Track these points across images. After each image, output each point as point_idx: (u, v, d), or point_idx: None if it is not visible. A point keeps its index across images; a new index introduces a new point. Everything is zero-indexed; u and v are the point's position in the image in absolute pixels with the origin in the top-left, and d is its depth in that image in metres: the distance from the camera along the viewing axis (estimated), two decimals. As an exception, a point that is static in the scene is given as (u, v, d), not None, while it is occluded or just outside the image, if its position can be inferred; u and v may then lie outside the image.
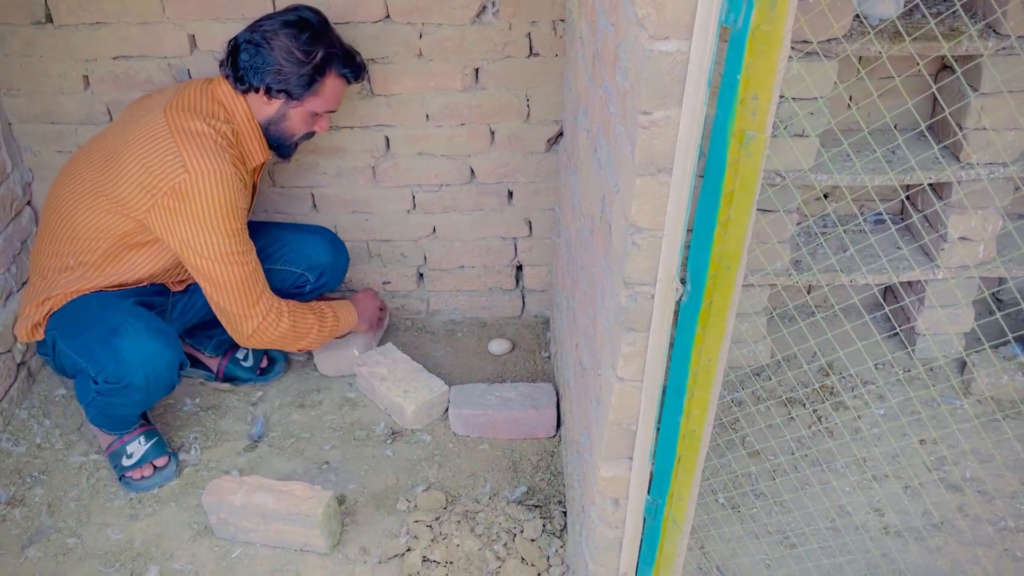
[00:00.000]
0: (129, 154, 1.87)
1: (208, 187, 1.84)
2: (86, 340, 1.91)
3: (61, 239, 1.97)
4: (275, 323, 2.01)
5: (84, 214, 1.93)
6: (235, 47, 1.92)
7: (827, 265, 2.22)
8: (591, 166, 1.55)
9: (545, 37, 2.13)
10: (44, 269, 2.00)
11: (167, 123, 1.87)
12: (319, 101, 1.97)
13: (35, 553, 1.91)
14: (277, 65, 1.89)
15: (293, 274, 2.25)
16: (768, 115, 0.97)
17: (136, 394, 1.93)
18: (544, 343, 2.56)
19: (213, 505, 1.88)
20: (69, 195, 1.96)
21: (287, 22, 1.90)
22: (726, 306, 1.15)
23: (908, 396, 2.26)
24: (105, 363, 1.88)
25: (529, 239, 2.51)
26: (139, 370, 1.89)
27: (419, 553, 1.87)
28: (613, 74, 1.26)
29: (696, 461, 1.32)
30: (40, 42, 2.11)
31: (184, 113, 1.89)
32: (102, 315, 1.93)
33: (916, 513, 1.97)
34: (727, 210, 1.07)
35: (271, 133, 2.01)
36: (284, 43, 1.89)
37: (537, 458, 2.15)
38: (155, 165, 1.84)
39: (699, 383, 1.24)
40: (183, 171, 1.82)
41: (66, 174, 2.02)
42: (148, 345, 1.89)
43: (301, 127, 2.02)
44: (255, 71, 1.90)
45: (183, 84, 2.02)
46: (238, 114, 1.96)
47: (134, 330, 1.89)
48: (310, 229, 2.33)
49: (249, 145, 1.99)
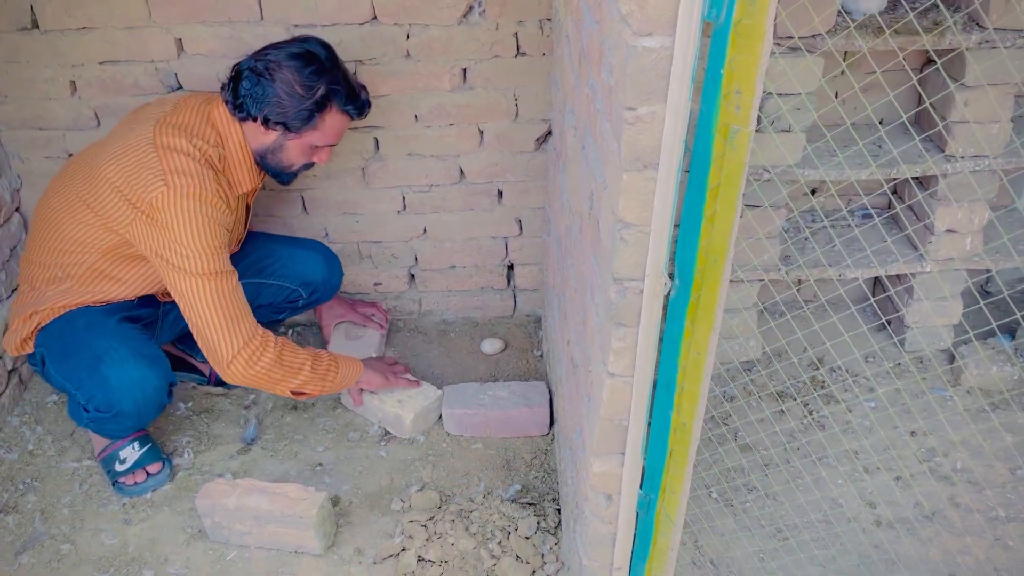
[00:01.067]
0: (111, 164, 1.85)
1: (187, 203, 1.79)
2: (73, 367, 1.90)
3: (49, 250, 1.96)
4: (258, 353, 1.85)
5: (70, 226, 1.92)
6: (238, 73, 1.89)
7: (815, 259, 2.24)
8: (579, 163, 1.56)
9: (532, 36, 2.14)
10: (33, 279, 2.00)
11: (153, 137, 1.84)
12: (318, 135, 1.94)
13: (29, 560, 1.90)
14: (277, 97, 1.86)
15: (286, 289, 2.25)
16: (752, 109, 0.98)
17: (127, 420, 1.93)
18: (536, 342, 2.56)
19: (207, 508, 1.88)
20: (57, 205, 1.95)
21: (293, 54, 1.86)
22: (714, 300, 1.16)
23: (898, 388, 2.28)
24: (93, 392, 1.88)
25: (520, 238, 2.51)
26: (127, 398, 1.88)
27: (414, 553, 1.87)
28: (599, 71, 1.27)
29: (687, 455, 1.33)
30: (27, 48, 2.10)
31: (172, 130, 1.86)
32: (88, 339, 1.91)
33: (907, 504, 1.98)
34: (713, 204, 1.08)
35: (267, 162, 1.97)
36: (287, 75, 1.85)
37: (531, 456, 2.15)
38: (135, 177, 1.81)
39: (689, 377, 1.24)
40: (163, 184, 1.79)
41: (56, 183, 2.01)
42: (134, 372, 1.88)
43: (299, 158, 1.99)
44: (254, 100, 1.87)
45: (183, 99, 1.98)
46: (231, 140, 1.92)
47: (120, 357, 1.88)
48: (305, 244, 2.31)
49: (237, 172, 1.95)
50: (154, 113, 1.94)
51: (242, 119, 1.91)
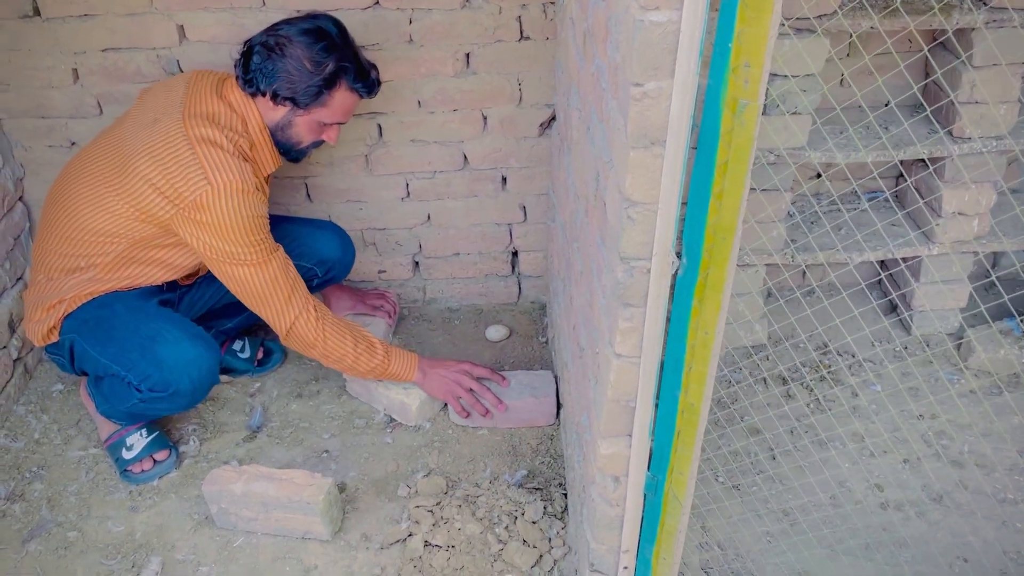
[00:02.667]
0: (147, 160, 1.83)
1: (230, 200, 1.81)
2: (123, 349, 1.90)
3: (69, 239, 1.94)
4: (312, 322, 1.96)
5: (97, 216, 1.90)
6: (249, 49, 1.90)
7: (822, 242, 2.23)
8: (584, 145, 1.55)
9: (535, 20, 2.12)
10: (49, 269, 1.98)
11: (186, 132, 1.83)
12: (326, 112, 1.94)
13: (36, 547, 1.90)
14: (286, 72, 1.87)
15: (302, 268, 2.24)
16: (761, 83, 0.97)
17: (182, 399, 1.94)
18: (541, 328, 2.56)
19: (213, 495, 1.88)
20: (78, 194, 1.93)
21: (304, 30, 1.87)
22: (722, 278, 1.15)
23: (906, 371, 2.27)
24: (149, 372, 1.88)
25: (524, 224, 2.50)
26: (184, 377, 1.89)
27: (421, 538, 1.87)
28: (604, 49, 1.26)
29: (695, 435, 1.32)
30: (28, 36, 2.10)
31: (203, 121, 1.85)
32: (134, 322, 1.92)
33: (915, 486, 1.98)
34: (721, 181, 1.07)
35: (278, 139, 1.98)
36: (297, 51, 1.86)
37: (536, 442, 2.15)
38: (176, 175, 1.81)
39: (697, 357, 1.24)
40: (205, 183, 1.79)
41: (75, 171, 1.98)
42: (190, 351, 1.89)
43: (308, 135, 1.99)
44: (264, 75, 1.88)
45: (194, 80, 1.96)
46: (251, 122, 1.93)
47: (173, 337, 1.89)
48: (320, 224, 2.32)
49: (261, 155, 1.97)
50: (171, 99, 1.92)
51: (252, 94, 1.92)
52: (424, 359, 2.15)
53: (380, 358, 2.06)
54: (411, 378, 2.13)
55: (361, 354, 2.03)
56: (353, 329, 2.04)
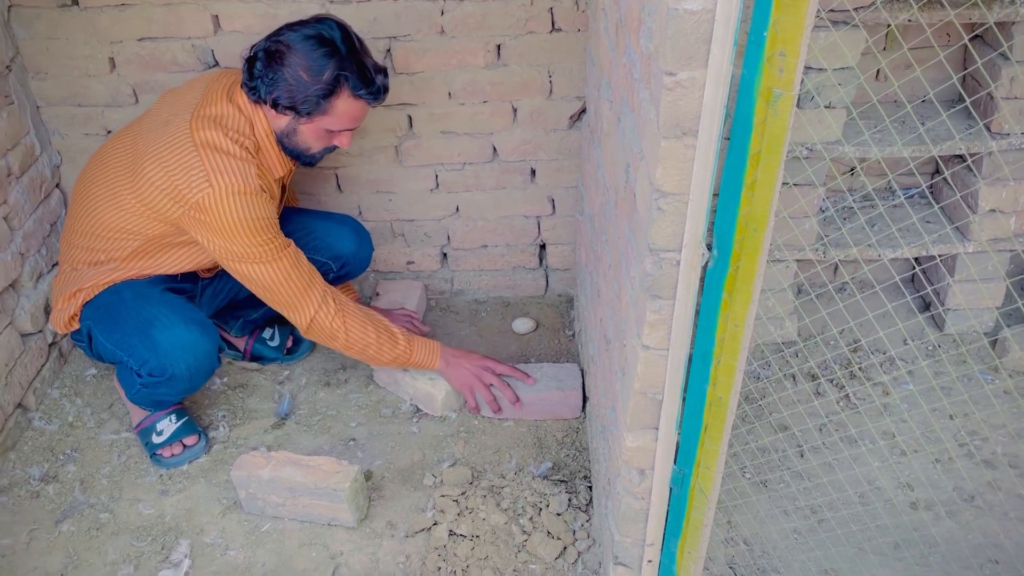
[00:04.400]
0: (153, 161, 1.85)
1: (232, 203, 1.81)
2: (124, 334, 1.93)
3: (89, 234, 1.98)
4: (331, 314, 1.97)
5: (112, 214, 1.93)
6: (253, 55, 1.87)
7: (854, 238, 2.20)
8: (615, 136, 1.55)
9: (567, 12, 2.12)
10: (74, 261, 2.02)
11: (191, 134, 1.84)
12: (330, 120, 1.89)
13: (69, 528, 1.94)
14: (285, 82, 1.83)
15: (317, 262, 2.25)
16: (796, 72, 0.95)
17: (180, 383, 1.96)
18: (568, 321, 2.55)
19: (242, 480, 1.91)
20: (96, 191, 1.97)
21: (305, 36, 1.82)
22: (753, 270, 1.14)
23: (937, 370, 2.23)
24: (146, 357, 1.91)
25: (552, 217, 2.50)
26: (180, 361, 1.91)
27: (445, 527, 1.88)
28: (637, 39, 1.25)
29: (723, 429, 1.31)
30: (66, 24, 2.13)
31: (208, 123, 1.85)
32: (136, 307, 1.94)
33: (946, 487, 1.95)
34: (754, 172, 1.06)
35: (285, 145, 1.94)
36: (295, 59, 1.82)
37: (562, 434, 2.15)
38: (179, 177, 1.83)
39: (726, 350, 1.23)
40: (207, 186, 1.81)
41: (94, 167, 2.01)
42: (185, 336, 1.91)
43: (315, 143, 1.95)
44: (265, 84, 1.85)
45: (210, 83, 1.96)
46: (258, 126, 1.91)
47: (169, 322, 1.91)
48: (337, 218, 2.31)
49: (268, 158, 1.95)
50: (186, 101, 1.93)
51: (254, 102, 1.89)
52: (448, 348, 2.16)
53: (402, 347, 2.07)
54: (434, 366, 2.13)
55: (384, 343, 2.04)
56: (374, 319, 2.05)
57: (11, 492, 2.02)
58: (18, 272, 2.17)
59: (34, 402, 2.22)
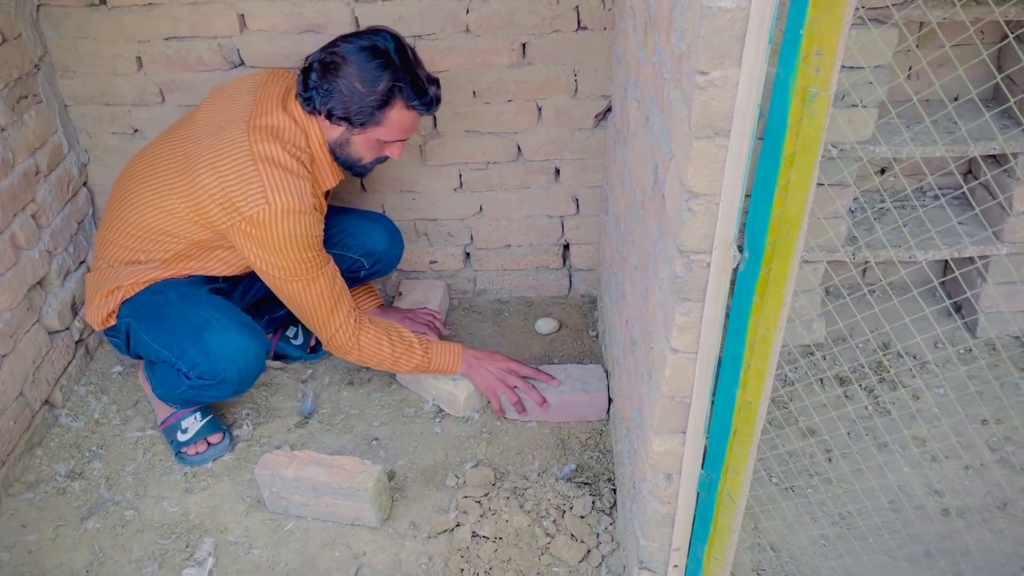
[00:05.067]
0: (208, 170, 1.85)
1: (286, 221, 1.82)
2: (174, 336, 1.93)
3: (131, 235, 1.97)
4: (349, 333, 2.00)
5: (159, 216, 1.93)
6: (309, 66, 1.89)
7: (882, 241, 2.16)
8: (643, 136, 1.53)
9: (594, 10, 2.10)
10: (111, 258, 2.02)
11: (249, 145, 1.84)
12: (383, 130, 1.91)
13: (94, 525, 1.95)
14: (340, 93, 1.85)
15: (348, 259, 2.26)
16: (833, 71, 0.93)
17: (229, 387, 1.97)
18: (591, 322, 2.54)
19: (266, 479, 1.91)
20: (142, 192, 1.96)
21: (360, 47, 1.84)
22: (785, 273, 1.12)
23: (971, 374, 2.19)
24: (197, 360, 1.91)
25: (576, 217, 2.48)
26: (231, 366, 1.92)
27: (468, 528, 1.87)
28: (668, 38, 1.23)
29: (752, 434, 1.29)
30: (94, 24, 2.14)
31: (266, 136, 1.85)
32: (184, 309, 1.95)
33: (978, 494, 1.91)
34: (788, 173, 1.04)
35: (338, 156, 1.96)
36: (351, 70, 1.83)
37: (586, 436, 2.13)
38: (235, 189, 1.83)
39: (756, 353, 1.21)
40: (264, 202, 1.81)
41: (141, 167, 2.00)
42: (238, 340, 1.92)
43: (368, 153, 1.97)
44: (320, 95, 1.87)
45: (261, 87, 1.96)
46: (312, 137, 1.92)
47: (222, 326, 1.91)
48: (370, 216, 2.32)
49: (321, 170, 1.97)
50: (238, 106, 1.93)
51: (309, 112, 1.90)
52: (470, 350, 2.15)
53: (419, 358, 2.08)
54: (456, 370, 2.13)
55: (400, 356, 2.06)
56: (391, 332, 2.06)
57: (38, 488, 2.04)
58: (46, 270, 2.18)
59: (61, 399, 2.24)
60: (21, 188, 2.09)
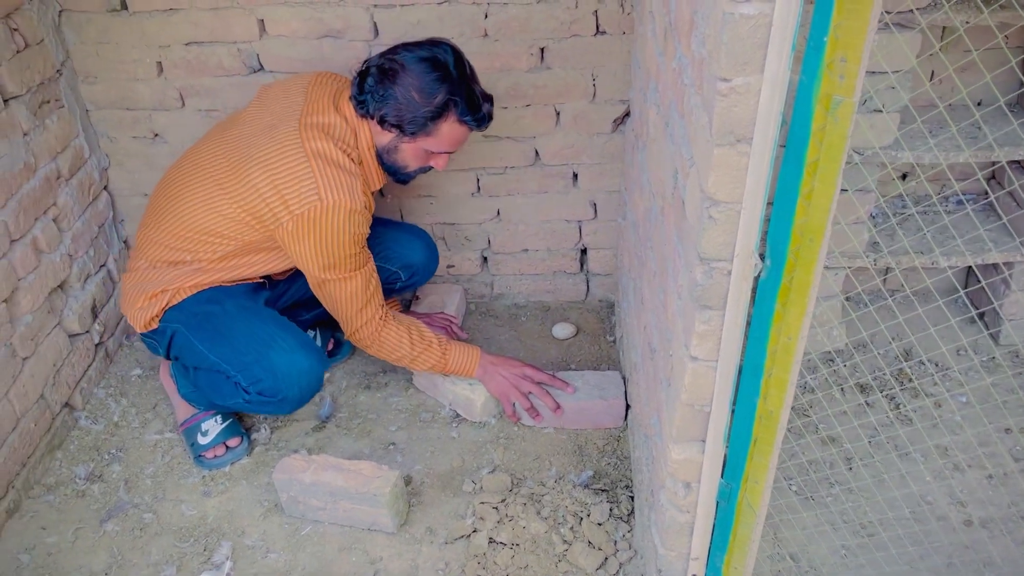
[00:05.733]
0: (259, 168, 1.86)
1: (338, 219, 1.84)
2: (235, 350, 1.93)
3: (179, 235, 1.97)
4: (374, 327, 2.03)
5: (209, 217, 1.93)
6: (366, 70, 1.89)
7: (904, 247, 2.14)
8: (663, 142, 1.52)
9: (612, 15, 2.09)
10: (154, 259, 2.01)
11: (302, 142, 1.85)
12: (433, 141, 1.92)
13: (113, 527, 1.96)
14: (395, 100, 1.85)
15: (386, 271, 2.26)
16: (858, 78, 0.92)
17: (288, 405, 1.98)
18: (609, 327, 2.53)
19: (283, 483, 1.91)
20: (191, 192, 1.96)
21: (420, 58, 1.85)
22: (808, 282, 1.11)
23: (995, 382, 2.16)
24: (260, 376, 1.92)
25: (594, 222, 2.47)
26: (295, 386, 1.93)
27: (485, 534, 1.86)
28: (688, 44, 1.23)
29: (773, 443, 1.28)
30: (116, 29, 2.16)
31: (319, 134, 1.86)
32: (246, 323, 1.95)
33: (1001, 504, 1.88)
34: (811, 181, 1.03)
35: (384, 161, 1.98)
36: (409, 79, 1.84)
37: (603, 442, 2.12)
38: (288, 186, 1.83)
39: (778, 362, 1.20)
40: (316, 199, 1.82)
41: (189, 166, 2.00)
42: (303, 362, 1.92)
43: (414, 162, 1.98)
44: (375, 100, 1.87)
45: (310, 88, 1.96)
46: (362, 139, 1.93)
47: (288, 346, 1.92)
48: (409, 229, 2.34)
49: (368, 171, 1.97)
50: (287, 105, 1.93)
51: (361, 115, 1.91)
52: (488, 355, 2.15)
53: (437, 357, 2.09)
54: (472, 374, 2.13)
55: (419, 354, 2.07)
56: (412, 330, 2.08)
57: (57, 491, 2.05)
58: (67, 273, 2.20)
59: (80, 402, 2.25)
60: (43, 192, 2.10)
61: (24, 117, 2.03)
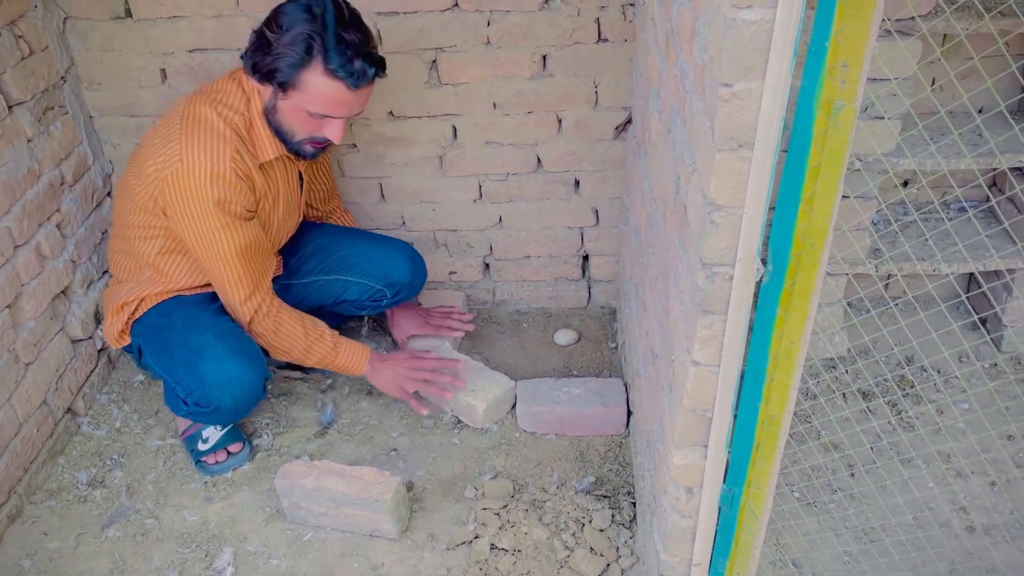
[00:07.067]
0: (149, 140, 1.87)
1: (200, 182, 1.77)
2: (172, 361, 1.94)
3: (118, 236, 2.00)
4: (275, 320, 1.97)
5: (131, 207, 1.93)
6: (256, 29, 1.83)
7: (906, 254, 2.14)
8: (664, 148, 1.52)
9: (614, 22, 2.10)
10: (118, 270, 2.05)
11: (184, 107, 1.83)
12: (306, 98, 1.77)
13: (115, 533, 1.96)
14: (267, 45, 1.74)
15: (371, 288, 2.25)
16: (859, 84, 0.93)
17: (224, 415, 1.98)
18: (611, 333, 2.53)
19: (285, 489, 1.91)
20: (124, 184, 1.98)
21: (298, 4, 1.73)
22: (810, 287, 1.11)
23: (993, 388, 2.16)
24: (192, 387, 1.92)
25: (596, 228, 2.48)
26: (225, 395, 1.92)
27: (487, 540, 1.86)
28: (690, 50, 1.23)
29: (776, 448, 1.28)
30: (120, 36, 2.17)
31: (202, 99, 1.83)
32: (184, 333, 1.94)
33: (1004, 511, 1.88)
34: (812, 186, 1.03)
35: (271, 124, 1.87)
36: (281, 21, 1.73)
37: (605, 449, 2.12)
38: (158, 151, 1.81)
39: (780, 367, 1.20)
40: (177, 161, 1.78)
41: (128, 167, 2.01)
42: (231, 370, 1.90)
43: (299, 126, 1.84)
44: (251, 50, 1.79)
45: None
46: (254, 102, 1.86)
47: (218, 354, 1.89)
48: (394, 245, 2.30)
49: (258, 136, 1.88)
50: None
51: (248, 73, 1.82)
52: (377, 354, 2.13)
53: (327, 350, 2.04)
54: (360, 372, 2.10)
55: (312, 343, 2.02)
56: (305, 319, 2.03)
57: (59, 496, 2.05)
58: (70, 279, 2.20)
59: (83, 407, 2.26)
60: (47, 198, 2.11)
61: (28, 123, 2.04)
